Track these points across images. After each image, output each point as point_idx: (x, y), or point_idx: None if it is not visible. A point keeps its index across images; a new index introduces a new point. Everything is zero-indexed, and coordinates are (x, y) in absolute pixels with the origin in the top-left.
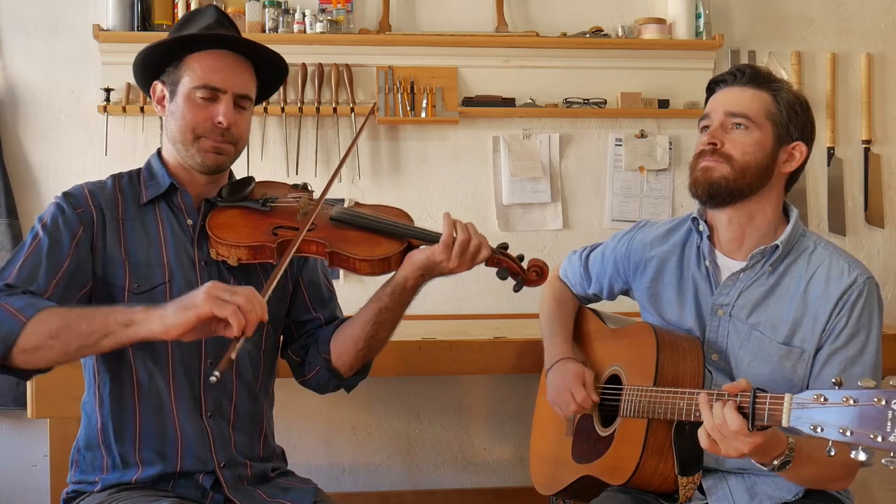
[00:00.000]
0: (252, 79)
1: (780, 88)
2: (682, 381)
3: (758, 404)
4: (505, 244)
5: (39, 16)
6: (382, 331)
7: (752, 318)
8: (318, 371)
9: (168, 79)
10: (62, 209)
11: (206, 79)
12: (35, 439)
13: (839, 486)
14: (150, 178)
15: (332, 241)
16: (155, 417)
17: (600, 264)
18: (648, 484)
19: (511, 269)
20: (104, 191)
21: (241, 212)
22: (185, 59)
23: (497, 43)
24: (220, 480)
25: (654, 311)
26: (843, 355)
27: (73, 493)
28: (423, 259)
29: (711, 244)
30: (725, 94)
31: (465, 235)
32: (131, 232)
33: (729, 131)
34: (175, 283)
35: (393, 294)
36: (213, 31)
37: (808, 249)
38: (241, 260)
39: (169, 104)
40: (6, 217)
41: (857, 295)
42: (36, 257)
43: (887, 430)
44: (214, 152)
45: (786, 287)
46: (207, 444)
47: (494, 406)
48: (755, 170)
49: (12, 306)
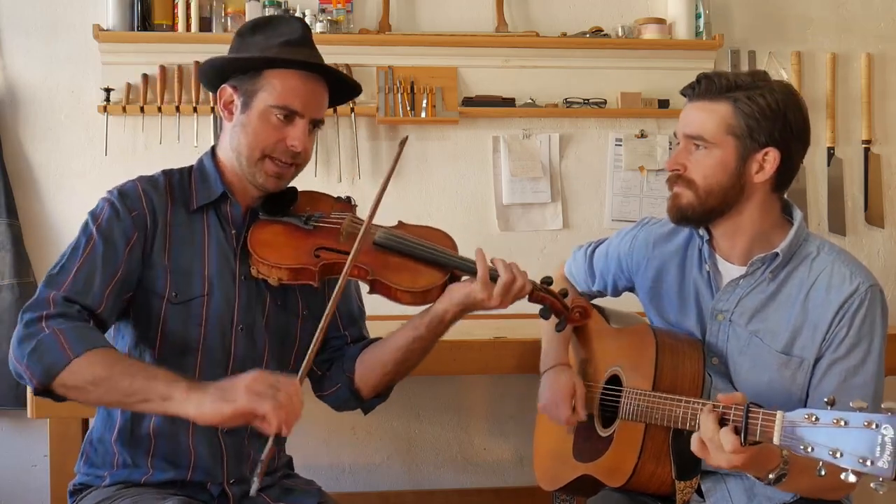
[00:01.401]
0: (326, 102)
1: (740, 97)
2: (680, 385)
3: (751, 420)
4: (549, 279)
5: (39, 16)
6: (413, 358)
7: (751, 326)
8: (338, 389)
9: (242, 87)
10: (117, 211)
11: (287, 100)
12: (35, 439)
13: (839, 495)
14: (202, 181)
15: (374, 269)
16: (171, 431)
17: (604, 261)
18: (646, 487)
19: (554, 307)
20: (157, 191)
21: (284, 229)
22: (266, 73)
23: (497, 43)
24: (228, 495)
25: (656, 312)
26: (844, 366)
27: (79, 484)
28: (464, 295)
29: (712, 248)
30: (686, 112)
31: (509, 275)
32: (178, 238)
33: (692, 152)
34: (213, 297)
35: (430, 325)
36: (296, 48)
37: (810, 255)
38: (282, 280)
39: (239, 114)
40: (6, 217)
41: (859, 304)
42: (91, 264)
43: (876, 454)
44: (276, 177)
45: (786, 294)
46: (220, 460)
47: (494, 406)
48: (720, 190)
49: (65, 336)
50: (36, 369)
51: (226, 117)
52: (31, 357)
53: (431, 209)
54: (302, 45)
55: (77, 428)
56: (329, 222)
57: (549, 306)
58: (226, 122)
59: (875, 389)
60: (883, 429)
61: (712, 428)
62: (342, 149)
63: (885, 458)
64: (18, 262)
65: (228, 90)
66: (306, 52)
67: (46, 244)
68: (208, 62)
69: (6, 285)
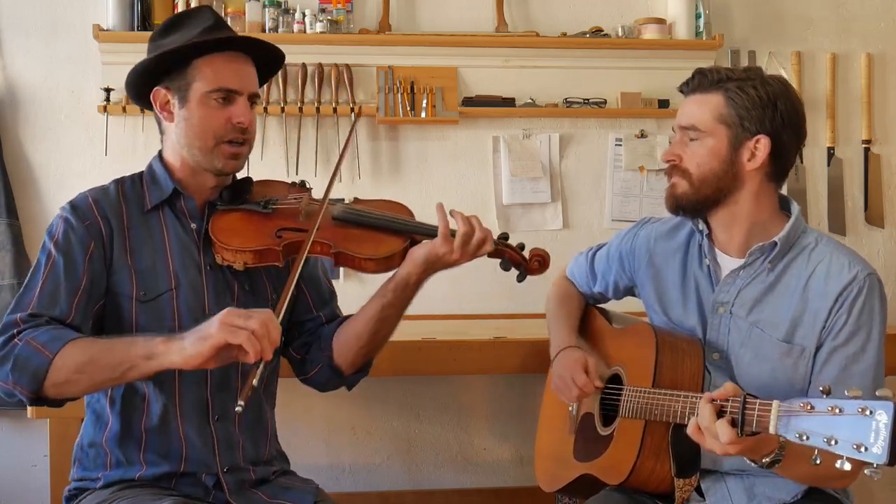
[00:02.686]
0: (256, 75)
1: (731, 87)
2: (680, 383)
3: (747, 410)
4: (506, 234)
5: (39, 16)
6: (385, 327)
7: (752, 316)
8: (319, 369)
9: (174, 85)
10: (71, 224)
11: (222, 82)
12: (35, 439)
13: (840, 484)
14: (153, 182)
15: (336, 242)
16: (161, 424)
17: (605, 262)
18: (645, 485)
19: (513, 259)
20: (108, 198)
21: (243, 215)
22: (194, 64)
23: (497, 43)
24: (223, 484)
25: (659, 309)
26: (844, 353)
27: (74, 490)
28: (425, 254)
29: (711, 242)
30: (682, 106)
31: (467, 227)
32: (137, 239)
33: (687, 144)
34: (181, 290)
35: (396, 290)
36: (215, 33)
37: (808, 246)
38: (248, 264)
39: (178, 110)
40: (6, 217)
41: (858, 292)
42: (54, 280)
43: (870, 441)
44: (233, 157)
45: (786, 284)
46: (212, 448)
47: (494, 406)
48: (713, 178)
49: (37, 341)
50: (22, 380)
51: (165, 118)
52: (13, 372)
53: (431, 209)
54: (219, 29)
55: (77, 428)
56: (287, 204)
57: (508, 258)
58: (166, 124)
59: (875, 376)
60: (877, 415)
61: (709, 417)
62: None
63: (879, 443)
64: (18, 262)
65: (162, 91)
66: (225, 34)
67: None
68: (133, 70)
69: (6, 285)
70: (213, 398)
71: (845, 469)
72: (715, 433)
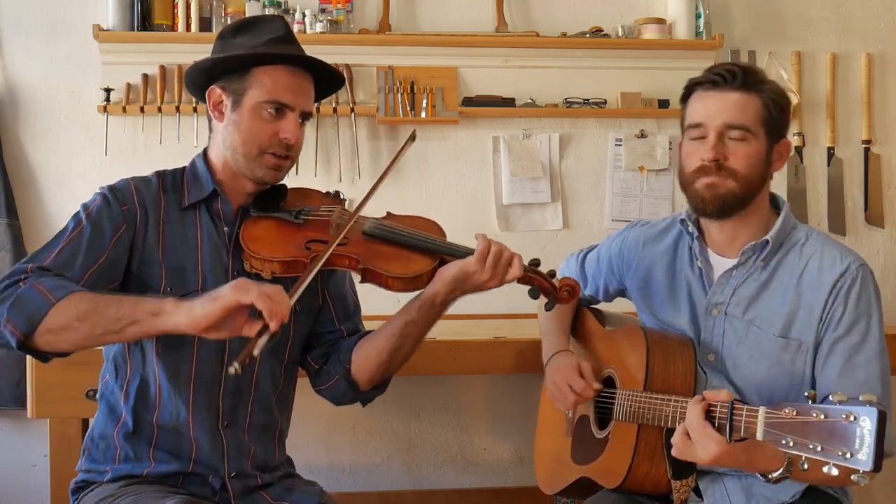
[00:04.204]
0: (313, 94)
1: (766, 89)
2: (672, 384)
3: (735, 416)
4: (537, 261)
5: (39, 16)
6: (407, 345)
7: (748, 315)
8: (336, 381)
9: (230, 87)
10: (108, 202)
11: (277, 95)
12: (35, 439)
13: (842, 483)
14: (194, 180)
15: (364, 258)
16: (173, 424)
17: (595, 265)
18: (641, 487)
19: (543, 287)
20: (149, 189)
21: (275, 223)
22: (253, 71)
23: (497, 43)
24: (229, 488)
25: (648, 312)
26: (846, 344)
27: (81, 482)
28: (455, 272)
29: (704, 244)
30: (718, 102)
31: (498, 247)
32: (171, 235)
33: (727, 143)
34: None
35: (422, 309)
36: (282, 44)
37: (799, 241)
38: (275, 274)
39: (230, 112)
40: (6, 217)
41: (852, 282)
42: (76, 245)
43: (855, 447)
44: (275, 169)
45: (779, 280)
46: (221, 453)
47: (494, 406)
48: (758, 179)
49: (43, 286)
50: (17, 320)
51: (216, 118)
52: (10, 310)
53: (431, 209)
54: (286, 42)
55: (77, 428)
56: (319, 215)
57: (538, 286)
58: (216, 123)
59: (882, 367)
60: (861, 421)
61: (698, 417)
62: (342, 149)
63: (864, 450)
64: (18, 262)
65: (217, 91)
66: (291, 48)
67: None
68: (196, 65)
69: None
70: (224, 403)
71: (833, 475)
72: (703, 434)
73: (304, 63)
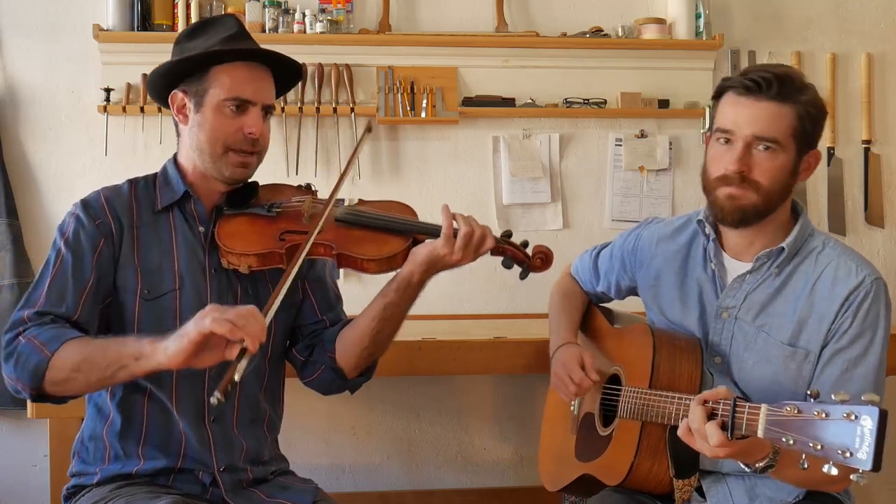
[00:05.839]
0: (273, 87)
1: (802, 100)
2: (678, 383)
3: (737, 414)
4: (509, 232)
5: (39, 16)
6: (387, 327)
7: (758, 321)
8: (322, 371)
9: (191, 89)
10: (81, 222)
11: (237, 91)
12: (35, 439)
13: (836, 487)
14: (166, 184)
15: (339, 243)
16: (161, 418)
17: (608, 261)
18: (643, 485)
19: (516, 257)
20: (120, 197)
21: (248, 219)
22: (212, 71)
23: (497, 43)
24: (219, 482)
25: (657, 310)
26: (847, 356)
27: (72, 488)
28: (427, 254)
29: (719, 246)
30: (750, 110)
31: (468, 228)
32: (145, 239)
33: (753, 154)
34: (185, 291)
35: (399, 290)
36: (237, 42)
37: (816, 249)
38: (252, 268)
39: (193, 114)
40: (6, 217)
41: (864, 295)
42: (62, 277)
43: (855, 446)
44: (241, 166)
45: (792, 288)
46: (209, 448)
47: (495, 406)
48: (782, 192)
49: (38, 339)
50: (24, 377)
51: (181, 121)
52: (16, 369)
53: (431, 209)
54: (241, 38)
55: (77, 428)
56: (291, 207)
57: (511, 256)
58: (182, 127)
59: (876, 380)
60: (862, 420)
61: (700, 419)
62: (342, 149)
63: (864, 449)
64: (18, 262)
65: (179, 95)
66: (246, 44)
67: (46, 244)
68: (155, 71)
69: (6, 285)
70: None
71: (832, 474)
72: (705, 435)
73: (260, 57)
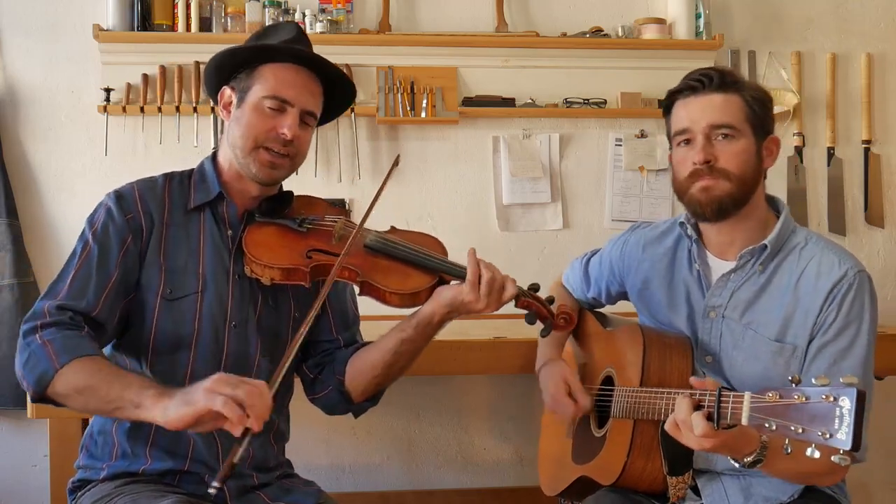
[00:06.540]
0: (320, 98)
1: (745, 87)
2: (668, 381)
3: (722, 403)
4: (536, 285)
5: (39, 16)
6: (402, 360)
7: (745, 318)
8: (329, 391)
9: (238, 85)
10: (112, 215)
11: (278, 90)
12: (35, 439)
13: (827, 481)
14: (201, 181)
15: (364, 270)
16: None
17: (598, 268)
18: (637, 484)
19: (540, 313)
20: (154, 192)
21: (278, 230)
22: (259, 68)
23: (497, 43)
24: (224, 488)
25: (647, 314)
26: (833, 349)
27: (78, 482)
28: (452, 297)
29: (702, 246)
30: (699, 104)
31: (490, 273)
32: (174, 238)
33: (714, 144)
34: (207, 294)
35: (418, 327)
36: (293, 43)
37: (798, 245)
38: (274, 280)
39: (235, 110)
40: (6, 217)
41: (848, 288)
42: (86, 269)
43: (835, 427)
44: (269, 166)
45: (777, 284)
46: (216, 455)
47: (495, 406)
48: (751, 177)
49: (52, 347)
50: (30, 379)
51: (225, 117)
52: (25, 367)
53: (431, 209)
54: (297, 42)
55: (77, 428)
56: (322, 225)
57: (535, 312)
58: (225, 124)
59: (864, 373)
60: (840, 401)
61: (685, 410)
62: (342, 149)
63: (843, 429)
64: (18, 262)
65: (227, 91)
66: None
67: (46, 244)
68: (211, 59)
69: (6, 285)
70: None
71: (815, 457)
72: (690, 426)
73: (313, 65)
